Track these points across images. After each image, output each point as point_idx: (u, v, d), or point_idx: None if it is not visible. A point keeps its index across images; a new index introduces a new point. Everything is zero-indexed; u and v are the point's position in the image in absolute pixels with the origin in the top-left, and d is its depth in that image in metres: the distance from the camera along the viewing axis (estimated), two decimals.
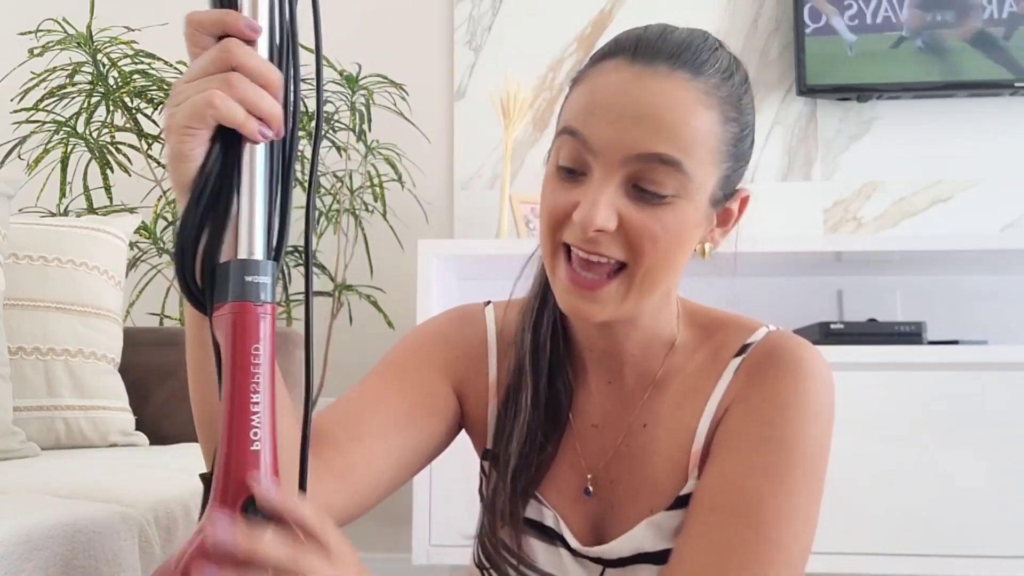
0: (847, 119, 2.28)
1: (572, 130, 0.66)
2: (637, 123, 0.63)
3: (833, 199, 2.26)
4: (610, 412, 0.76)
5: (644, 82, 0.64)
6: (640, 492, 0.73)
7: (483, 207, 2.28)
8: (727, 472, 0.66)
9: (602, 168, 0.65)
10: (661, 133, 0.63)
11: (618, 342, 0.74)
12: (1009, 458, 1.70)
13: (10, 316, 1.26)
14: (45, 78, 1.95)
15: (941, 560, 1.68)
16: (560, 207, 0.67)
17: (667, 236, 0.65)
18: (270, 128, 0.51)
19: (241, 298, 0.49)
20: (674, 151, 0.63)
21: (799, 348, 0.70)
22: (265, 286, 0.49)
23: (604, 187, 0.64)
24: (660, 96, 0.63)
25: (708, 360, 0.74)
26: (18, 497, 0.78)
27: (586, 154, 0.65)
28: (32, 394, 1.26)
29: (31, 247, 1.33)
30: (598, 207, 0.63)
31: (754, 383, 0.69)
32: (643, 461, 0.73)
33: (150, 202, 2.04)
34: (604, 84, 0.66)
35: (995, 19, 2.17)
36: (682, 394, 0.73)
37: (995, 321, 2.13)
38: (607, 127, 0.64)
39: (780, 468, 0.65)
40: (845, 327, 1.84)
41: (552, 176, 0.69)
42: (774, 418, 0.66)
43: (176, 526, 0.86)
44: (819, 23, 2.20)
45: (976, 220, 2.20)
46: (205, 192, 0.51)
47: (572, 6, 2.34)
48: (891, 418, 1.72)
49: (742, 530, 0.63)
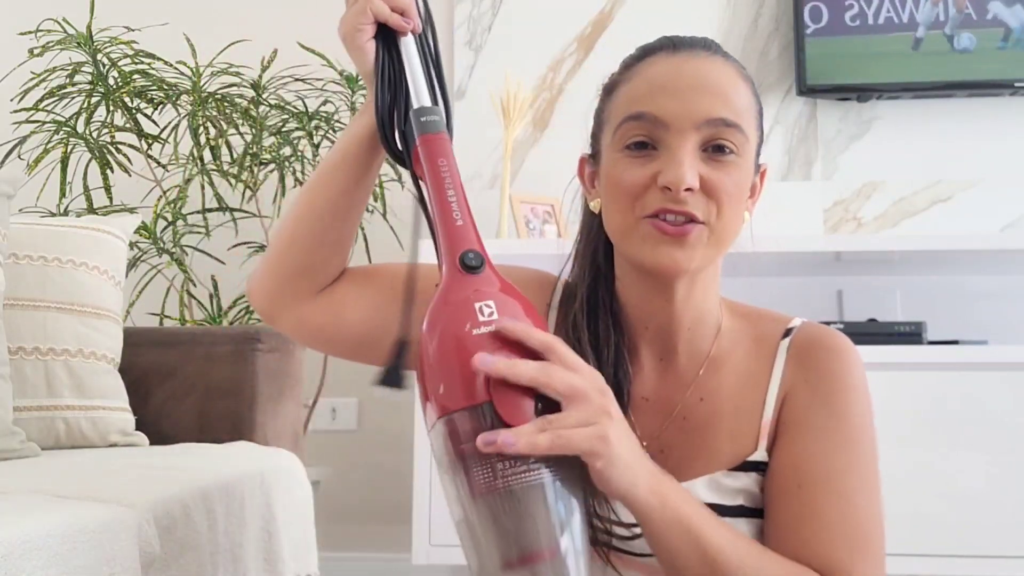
0: (847, 119, 2.28)
1: (637, 114, 0.73)
2: (700, 94, 0.72)
3: (833, 199, 2.26)
4: (661, 388, 0.80)
5: (694, 62, 0.74)
6: (696, 460, 0.77)
7: (483, 207, 2.27)
8: (805, 451, 0.74)
9: (676, 137, 0.71)
10: (720, 99, 0.72)
11: (676, 318, 0.78)
12: (1009, 458, 1.69)
13: (10, 316, 1.26)
14: (45, 78, 1.95)
15: (941, 560, 1.68)
16: (637, 181, 0.72)
17: (737, 192, 0.73)
18: (409, 21, 0.74)
19: (422, 132, 0.69)
20: (733, 116, 0.72)
21: (836, 335, 0.80)
22: (437, 122, 0.70)
23: (683, 150, 0.71)
24: (711, 71, 0.73)
25: (755, 346, 0.81)
26: (18, 497, 0.78)
27: (657, 130, 0.72)
28: (32, 394, 1.26)
29: (31, 247, 1.33)
30: (684, 166, 0.70)
31: (810, 367, 0.77)
32: (704, 432, 0.78)
33: (150, 202, 2.04)
34: (657, 72, 0.74)
35: (996, 19, 2.17)
36: (741, 374, 0.79)
37: (995, 321, 2.13)
38: (673, 101, 0.72)
39: (849, 442, 0.73)
40: (845, 327, 1.84)
41: (617, 161, 0.74)
42: (834, 396, 0.75)
43: (176, 526, 0.86)
44: (819, 23, 2.20)
45: (976, 220, 2.20)
46: (384, 75, 0.74)
47: (572, 6, 2.34)
48: (891, 418, 1.72)
49: (834, 502, 0.71)
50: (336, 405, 2.30)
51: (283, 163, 1.99)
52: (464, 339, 0.59)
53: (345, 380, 2.25)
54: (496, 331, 0.59)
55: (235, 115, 1.99)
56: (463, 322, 0.59)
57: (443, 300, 0.62)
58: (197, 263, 2.05)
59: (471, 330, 0.59)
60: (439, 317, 0.61)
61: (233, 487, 1.04)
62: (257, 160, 2.00)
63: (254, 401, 1.44)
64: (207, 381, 1.44)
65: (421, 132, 0.69)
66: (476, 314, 0.59)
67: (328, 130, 2.06)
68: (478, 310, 0.60)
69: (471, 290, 0.61)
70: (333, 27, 0.77)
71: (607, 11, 2.34)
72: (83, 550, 0.68)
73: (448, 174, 0.67)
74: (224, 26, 2.23)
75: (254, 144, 1.99)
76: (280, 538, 1.13)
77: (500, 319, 0.59)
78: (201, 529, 0.91)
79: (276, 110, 2.03)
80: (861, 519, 0.72)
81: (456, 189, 0.66)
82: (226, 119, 1.98)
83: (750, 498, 0.76)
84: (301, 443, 1.62)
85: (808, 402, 0.76)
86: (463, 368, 0.58)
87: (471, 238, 0.64)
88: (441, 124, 0.70)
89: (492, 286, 0.62)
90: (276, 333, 1.53)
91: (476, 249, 0.63)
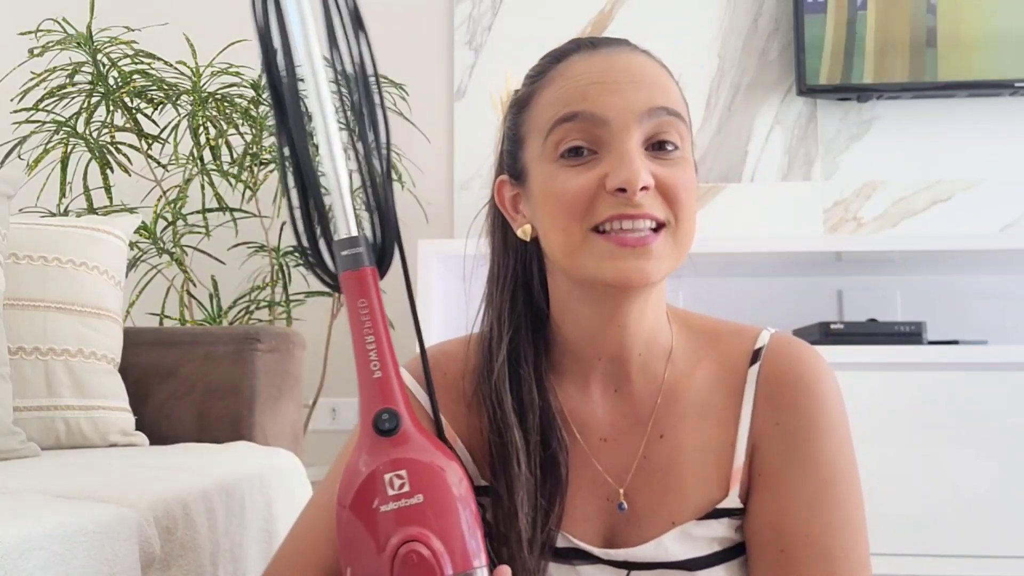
0: (847, 119, 2.28)
1: (570, 115, 0.66)
2: (637, 86, 0.66)
3: (833, 199, 2.26)
4: (619, 423, 0.74)
5: (622, 57, 0.68)
6: (661, 506, 0.72)
7: (483, 207, 2.28)
8: (783, 511, 0.69)
9: (617, 134, 0.65)
10: (658, 89, 0.67)
11: (628, 342, 0.72)
12: (1009, 458, 1.69)
13: (10, 316, 1.26)
14: (45, 78, 1.95)
15: (941, 560, 1.68)
16: (582, 188, 0.66)
17: (690, 185, 0.67)
18: None
19: (343, 268, 0.62)
20: (674, 104, 0.67)
21: (807, 359, 0.72)
22: (358, 255, 0.62)
23: (629, 146, 0.65)
24: (641, 64, 0.68)
25: (718, 371, 0.74)
26: (18, 497, 0.78)
27: (595, 130, 0.66)
28: (32, 394, 1.26)
29: (31, 247, 1.33)
30: (636, 163, 0.64)
31: (781, 406, 0.71)
32: (667, 473, 0.72)
33: (150, 202, 2.04)
34: (581, 70, 0.68)
35: (996, 19, 2.17)
36: (702, 406, 0.73)
37: (995, 321, 2.13)
38: (608, 96, 0.66)
39: (829, 488, 0.68)
40: (845, 327, 1.84)
41: (556, 171, 0.67)
42: (808, 444, 0.70)
43: (176, 526, 0.86)
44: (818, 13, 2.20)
45: (976, 220, 2.20)
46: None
47: (572, 6, 2.34)
48: (891, 418, 1.72)
49: (819, 565, 0.67)
50: (336, 405, 2.30)
51: None
52: (371, 518, 0.55)
53: (345, 380, 2.24)
54: (403, 508, 0.55)
55: (235, 115, 1.99)
56: (371, 498, 0.56)
57: (355, 467, 0.57)
58: (197, 263, 2.05)
59: (379, 506, 0.55)
60: (349, 488, 0.57)
61: (233, 487, 1.04)
62: (257, 160, 2.00)
63: (254, 401, 1.44)
64: (207, 381, 1.44)
65: (342, 268, 0.62)
66: (385, 487, 0.55)
67: None
68: (387, 482, 0.56)
69: (383, 459, 0.56)
70: None
71: (607, 11, 2.34)
72: (83, 550, 0.68)
73: (368, 316, 0.61)
74: (224, 26, 2.23)
75: (254, 144, 1.99)
76: (280, 538, 1.13)
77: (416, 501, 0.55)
78: (201, 529, 0.91)
79: None
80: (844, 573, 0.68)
81: (376, 334, 0.60)
82: (226, 119, 1.98)
83: (724, 543, 0.71)
84: (301, 443, 1.62)
85: (781, 451, 0.70)
86: (370, 550, 0.55)
87: (388, 393, 0.59)
88: (362, 258, 0.62)
89: (407, 450, 0.57)
90: (276, 333, 1.54)
91: (392, 407, 0.58)
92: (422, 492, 0.56)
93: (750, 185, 2.28)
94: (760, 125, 2.30)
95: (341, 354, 2.15)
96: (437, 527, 0.55)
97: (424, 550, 0.54)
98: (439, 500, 0.56)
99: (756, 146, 2.29)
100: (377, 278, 0.63)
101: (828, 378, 0.72)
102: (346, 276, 0.62)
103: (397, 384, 0.59)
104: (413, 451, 0.57)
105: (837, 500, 0.69)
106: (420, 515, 0.55)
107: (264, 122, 2.00)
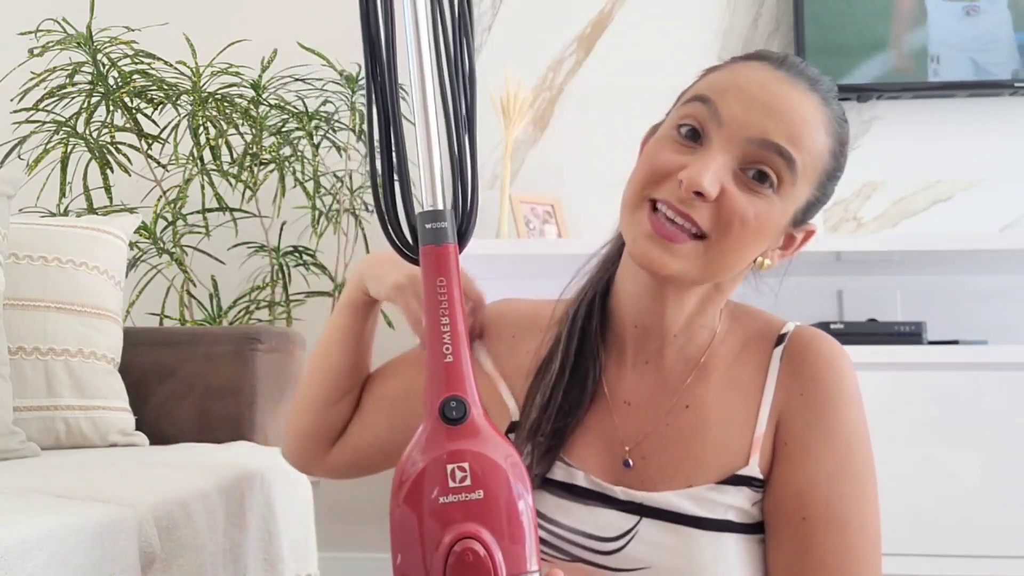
0: (847, 119, 2.28)
1: (706, 98, 0.70)
2: (770, 114, 0.68)
3: (833, 199, 2.25)
4: (645, 392, 0.78)
5: (785, 86, 0.69)
6: (678, 470, 0.75)
7: (483, 207, 2.27)
8: (807, 480, 0.72)
9: (722, 140, 0.68)
10: (787, 130, 0.68)
11: (665, 322, 0.76)
12: (1009, 458, 1.69)
13: (10, 316, 1.26)
14: (45, 78, 1.95)
15: (941, 560, 1.68)
16: (664, 165, 0.69)
17: (755, 224, 0.68)
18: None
19: (424, 242, 0.59)
20: (793, 150, 0.68)
21: (828, 342, 0.78)
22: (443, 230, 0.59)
23: (719, 156, 0.67)
24: (795, 102, 0.69)
25: (744, 350, 0.78)
26: (18, 497, 0.78)
27: (711, 123, 0.69)
28: (32, 394, 1.26)
29: (31, 247, 1.33)
30: (708, 170, 0.66)
31: (804, 378, 0.75)
32: (688, 440, 0.75)
33: (150, 202, 2.04)
34: (748, 74, 0.71)
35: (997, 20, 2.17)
36: (730, 382, 0.77)
37: (995, 321, 2.13)
38: (741, 105, 0.68)
39: (847, 461, 0.72)
40: (845, 327, 1.84)
41: (664, 138, 0.72)
42: (829, 413, 0.73)
43: (176, 526, 0.86)
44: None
45: (976, 220, 2.20)
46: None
47: (572, 6, 2.34)
48: (891, 418, 1.72)
49: (834, 533, 0.70)
50: None
51: (283, 163, 1.99)
52: (429, 509, 0.54)
53: None
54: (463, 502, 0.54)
55: (235, 115, 1.99)
56: (431, 488, 0.54)
57: (417, 452, 0.56)
58: (197, 263, 2.05)
59: (438, 498, 0.54)
60: (409, 474, 0.55)
61: (233, 487, 1.04)
62: (257, 160, 2.00)
63: (254, 401, 1.44)
64: (207, 381, 1.44)
65: (423, 242, 0.60)
66: (447, 479, 0.54)
67: (328, 130, 2.07)
68: (450, 474, 0.54)
69: (447, 448, 0.55)
70: (333, 27, 0.75)
71: (607, 11, 2.34)
72: (83, 550, 0.68)
73: (446, 296, 0.58)
74: (224, 26, 2.23)
75: (254, 144, 1.99)
76: (280, 538, 1.13)
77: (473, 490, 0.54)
78: (201, 529, 0.91)
79: (276, 110, 2.03)
80: (858, 550, 0.71)
81: (452, 316, 0.58)
82: (226, 119, 1.98)
83: (740, 514, 0.73)
84: None
85: (805, 421, 0.74)
86: (424, 542, 0.53)
87: (459, 379, 0.57)
88: (445, 233, 0.59)
89: (473, 442, 0.56)
90: (276, 333, 1.54)
91: (460, 395, 0.57)
92: (483, 488, 0.54)
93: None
94: None
95: None
96: (495, 526, 0.54)
97: (480, 549, 0.53)
98: (499, 498, 0.54)
99: None
100: (458, 256, 0.60)
101: (847, 359, 0.77)
102: (427, 251, 0.59)
103: (469, 371, 0.58)
104: (478, 444, 0.56)
105: (853, 472, 0.72)
106: (479, 511, 0.54)
107: (264, 122, 2.01)
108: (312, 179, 2.05)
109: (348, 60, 2.04)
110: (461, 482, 0.54)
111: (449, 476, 0.54)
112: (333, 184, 2.11)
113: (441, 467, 0.54)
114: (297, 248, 2.10)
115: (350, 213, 2.10)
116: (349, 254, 2.15)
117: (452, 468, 0.54)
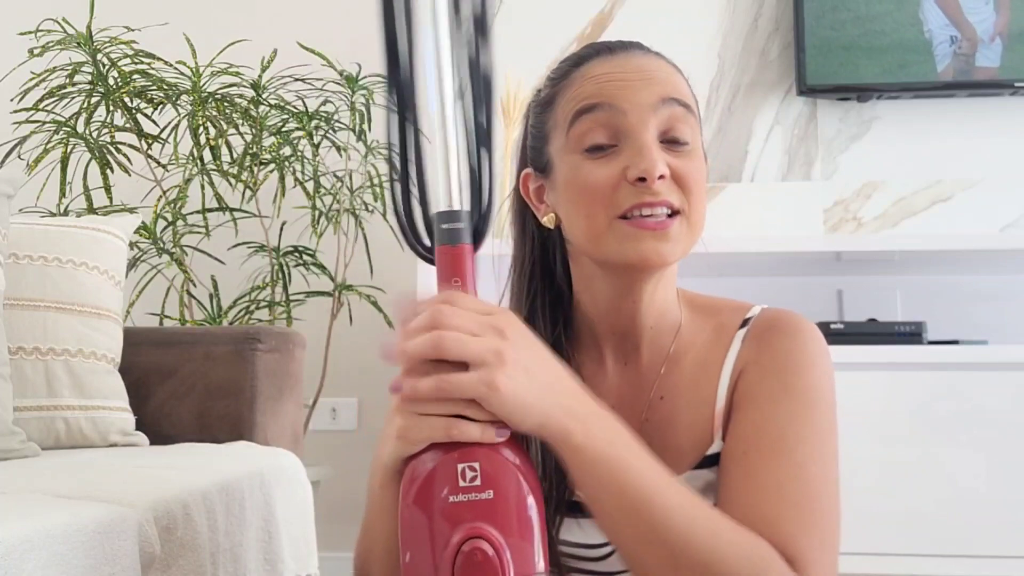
0: (847, 119, 2.28)
1: (590, 106, 0.72)
2: (649, 82, 0.72)
3: (833, 199, 2.26)
4: (625, 393, 0.79)
5: (636, 58, 0.74)
6: (661, 460, 0.73)
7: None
8: (754, 420, 0.70)
9: (635, 126, 0.71)
10: (670, 84, 0.73)
11: (640, 317, 0.78)
12: (1009, 458, 1.69)
13: (10, 316, 1.26)
14: (45, 78, 1.95)
15: (941, 560, 1.68)
16: (606, 178, 0.71)
17: (699, 176, 0.73)
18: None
19: (439, 242, 0.59)
20: (684, 97, 0.73)
21: (794, 315, 0.79)
22: (459, 231, 0.58)
23: (644, 139, 0.70)
24: (655, 64, 0.74)
25: (713, 337, 0.79)
26: (18, 497, 0.78)
27: (614, 121, 0.71)
28: (32, 394, 1.26)
29: (31, 247, 1.33)
30: (652, 153, 0.70)
31: (763, 347, 0.75)
32: (664, 431, 0.76)
33: (150, 202, 2.04)
34: (600, 71, 0.74)
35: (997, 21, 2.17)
36: (696, 368, 0.78)
37: (995, 321, 2.13)
38: (626, 91, 0.72)
39: (803, 411, 0.69)
40: (845, 327, 1.84)
41: (580, 163, 0.73)
42: (786, 370, 0.72)
43: (176, 526, 0.86)
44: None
45: (976, 220, 2.20)
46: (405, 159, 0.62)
47: (572, 6, 2.34)
48: (891, 418, 1.72)
49: (784, 464, 0.66)
50: (336, 405, 2.31)
51: (283, 163, 1.99)
52: (438, 508, 0.54)
53: (345, 380, 2.25)
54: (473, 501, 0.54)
55: (235, 115, 1.99)
56: (441, 486, 0.54)
57: (428, 451, 0.56)
58: (197, 263, 2.05)
59: (448, 497, 0.54)
60: (419, 473, 0.55)
61: (233, 487, 1.04)
62: (257, 160, 2.00)
63: (254, 401, 1.44)
64: (207, 381, 1.44)
65: (438, 242, 0.59)
66: (457, 478, 0.54)
67: (328, 130, 2.07)
68: (460, 473, 0.54)
69: (458, 447, 0.55)
70: (333, 27, 0.75)
71: (607, 11, 2.34)
72: (83, 550, 0.68)
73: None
74: (224, 26, 2.23)
75: (254, 144, 1.99)
76: (280, 538, 1.13)
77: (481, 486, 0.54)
78: (201, 529, 0.91)
79: (276, 110, 2.03)
80: (812, 491, 0.66)
81: None
82: (226, 119, 1.98)
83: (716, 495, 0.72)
84: (301, 443, 1.62)
85: (759, 378, 0.73)
86: (433, 540, 0.53)
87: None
88: (461, 234, 0.59)
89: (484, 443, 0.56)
90: (276, 333, 1.54)
91: None
92: (493, 488, 0.54)
93: (750, 185, 2.28)
94: (760, 125, 2.30)
95: (341, 354, 2.15)
96: (504, 526, 0.54)
97: (489, 548, 0.53)
98: (509, 498, 0.54)
99: (756, 146, 2.30)
100: (474, 257, 0.60)
101: (812, 333, 0.75)
102: (442, 251, 0.59)
103: None
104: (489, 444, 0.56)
105: (813, 423, 0.69)
106: (489, 511, 0.54)
107: (264, 122, 2.01)
108: (312, 179, 2.05)
109: (348, 60, 2.04)
110: (471, 481, 0.54)
111: (459, 475, 0.54)
112: (333, 184, 2.11)
113: (452, 466, 0.54)
114: (297, 248, 2.10)
115: (350, 213, 2.10)
116: (349, 254, 2.15)
117: (463, 467, 0.54)
